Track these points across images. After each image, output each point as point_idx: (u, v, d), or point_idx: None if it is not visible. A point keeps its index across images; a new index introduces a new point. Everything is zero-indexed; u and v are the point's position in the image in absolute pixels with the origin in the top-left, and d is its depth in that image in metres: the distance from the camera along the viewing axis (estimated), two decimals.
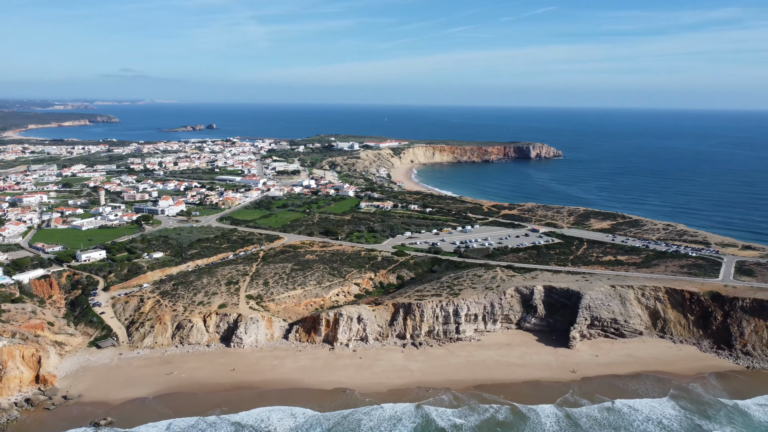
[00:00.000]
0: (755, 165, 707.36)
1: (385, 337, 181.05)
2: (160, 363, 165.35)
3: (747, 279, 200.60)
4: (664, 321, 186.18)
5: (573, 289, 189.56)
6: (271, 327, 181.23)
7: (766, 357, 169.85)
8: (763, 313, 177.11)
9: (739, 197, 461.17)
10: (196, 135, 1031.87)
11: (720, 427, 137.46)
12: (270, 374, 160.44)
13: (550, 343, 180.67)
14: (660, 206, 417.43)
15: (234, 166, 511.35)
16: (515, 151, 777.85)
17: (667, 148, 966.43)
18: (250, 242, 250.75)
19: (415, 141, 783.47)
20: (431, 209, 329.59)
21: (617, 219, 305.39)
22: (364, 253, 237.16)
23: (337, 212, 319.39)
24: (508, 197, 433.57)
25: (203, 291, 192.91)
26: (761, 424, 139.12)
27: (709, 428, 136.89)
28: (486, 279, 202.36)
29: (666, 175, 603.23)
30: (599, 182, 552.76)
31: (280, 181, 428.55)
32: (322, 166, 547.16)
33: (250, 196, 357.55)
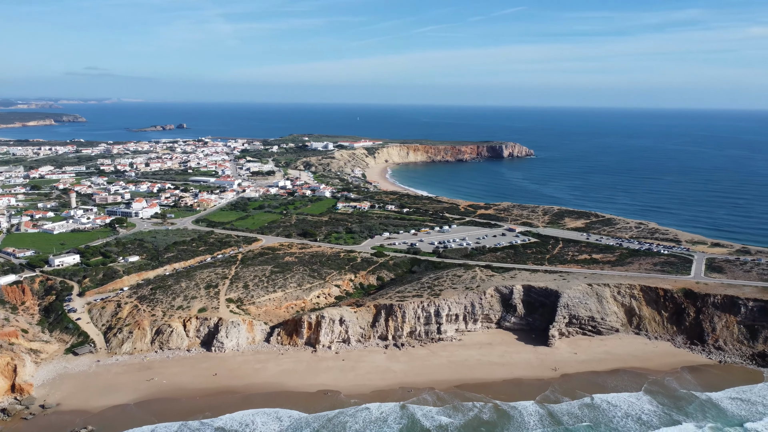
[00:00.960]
0: (719, 163, 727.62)
1: (367, 338, 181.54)
2: (139, 369, 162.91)
3: (717, 276, 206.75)
4: (640, 318, 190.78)
5: (551, 288, 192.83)
6: (252, 330, 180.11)
7: (737, 351, 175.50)
8: (733, 309, 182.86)
9: (704, 195, 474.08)
10: (166, 135, 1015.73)
11: (695, 420, 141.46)
12: (253, 378, 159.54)
13: (529, 341, 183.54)
14: (630, 204, 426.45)
15: (207, 167, 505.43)
16: (488, 151, 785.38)
17: (634, 146, 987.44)
18: (227, 245, 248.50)
19: (389, 141, 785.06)
20: (408, 209, 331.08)
21: (591, 218, 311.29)
22: (343, 255, 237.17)
23: (315, 213, 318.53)
24: (483, 197, 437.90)
25: (182, 295, 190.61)
26: (733, 415, 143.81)
27: (683, 421, 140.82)
28: (466, 279, 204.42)
29: (634, 174, 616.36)
30: (571, 181, 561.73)
31: (255, 182, 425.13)
32: (297, 167, 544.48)
33: (225, 198, 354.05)
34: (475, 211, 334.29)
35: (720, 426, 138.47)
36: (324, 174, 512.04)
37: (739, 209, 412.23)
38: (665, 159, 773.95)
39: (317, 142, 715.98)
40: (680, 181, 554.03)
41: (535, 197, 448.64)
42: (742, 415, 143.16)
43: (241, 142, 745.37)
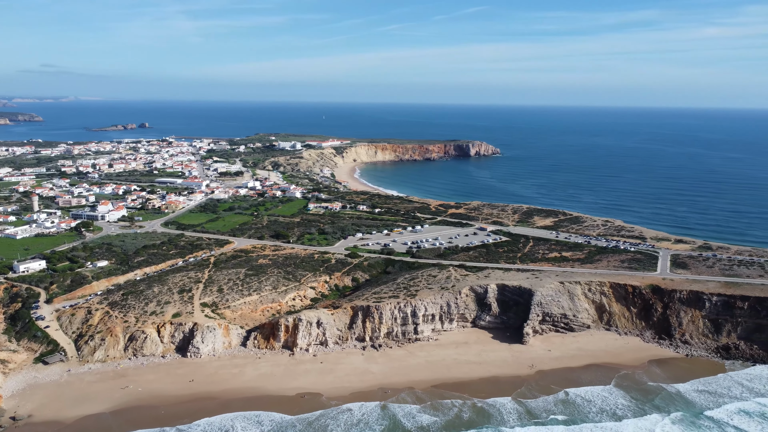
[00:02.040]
0: (678, 161, 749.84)
1: (344, 340, 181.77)
2: (113, 377, 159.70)
3: (682, 272, 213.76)
4: (610, 314, 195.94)
5: (525, 287, 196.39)
6: (228, 335, 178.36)
7: (703, 345, 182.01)
8: (698, 304, 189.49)
9: (665, 192, 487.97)
10: (128, 134, 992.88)
11: (661, 411, 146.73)
12: (231, 383, 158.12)
13: (504, 339, 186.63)
14: (595, 202, 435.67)
15: (173, 168, 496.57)
16: (455, 149, 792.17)
17: (597, 144, 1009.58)
18: (199, 248, 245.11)
19: (356, 140, 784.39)
20: (380, 210, 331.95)
21: (559, 216, 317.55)
22: (317, 256, 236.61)
23: (286, 214, 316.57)
24: (453, 196, 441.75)
25: (155, 300, 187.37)
26: (696, 405, 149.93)
27: (651, 411, 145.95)
28: (441, 279, 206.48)
29: (597, 171, 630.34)
30: (536, 179, 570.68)
31: (224, 183, 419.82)
32: (265, 167, 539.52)
33: (194, 199, 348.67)
34: (446, 210, 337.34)
35: (683, 415, 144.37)
36: (293, 174, 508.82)
37: (698, 206, 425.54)
38: (626, 157, 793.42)
39: (285, 141, 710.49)
40: (642, 179, 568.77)
41: (503, 196, 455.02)
42: (703, 404, 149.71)
43: (206, 141, 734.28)
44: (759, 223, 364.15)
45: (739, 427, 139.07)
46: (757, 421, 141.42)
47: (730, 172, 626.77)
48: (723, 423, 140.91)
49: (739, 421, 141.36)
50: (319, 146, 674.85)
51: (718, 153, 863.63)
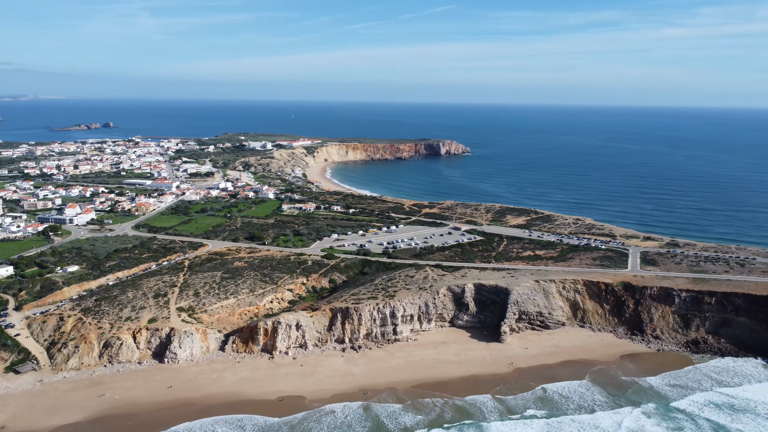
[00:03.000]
0: (642, 159, 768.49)
1: (324, 342, 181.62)
2: (89, 385, 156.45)
3: (651, 268, 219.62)
4: (584, 311, 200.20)
5: (501, 286, 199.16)
6: (206, 339, 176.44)
7: (673, 340, 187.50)
8: (668, 300, 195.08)
9: (631, 190, 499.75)
10: (92, 134, 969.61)
11: (631, 403, 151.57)
12: (210, 388, 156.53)
13: (482, 338, 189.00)
14: (564, 201, 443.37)
15: (142, 169, 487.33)
16: (426, 148, 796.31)
17: (564, 143, 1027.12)
18: (172, 251, 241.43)
19: (327, 139, 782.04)
20: (354, 210, 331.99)
21: (531, 215, 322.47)
22: (293, 258, 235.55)
23: (260, 216, 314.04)
24: (425, 195, 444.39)
25: (130, 305, 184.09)
26: (663, 396, 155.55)
27: (623, 405, 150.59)
28: (418, 279, 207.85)
29: (566, 170, 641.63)
30: (506, 178, 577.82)
31: (195, 184, 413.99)
32: (236, 167, 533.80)
33: (164, 201, 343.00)
34: (420, 210, 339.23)
35: (653, 406, 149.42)
36: (264, 174, 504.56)
37: (664, 203, 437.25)
38: (593, 155, 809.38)
39: (255, 141, 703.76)
40: (609, 177, 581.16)
41: (475, 195, 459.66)
42: (672, 396, 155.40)
43: (174, 141, 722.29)
44: (721, 219, 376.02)
45: (707, 417, 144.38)
46: (723, 410, 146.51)
47: (692, 170, 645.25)
48: (691, 413, 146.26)
49: (705, 412, 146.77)
50: (290, 146, 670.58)
51: (680, 151, 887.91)
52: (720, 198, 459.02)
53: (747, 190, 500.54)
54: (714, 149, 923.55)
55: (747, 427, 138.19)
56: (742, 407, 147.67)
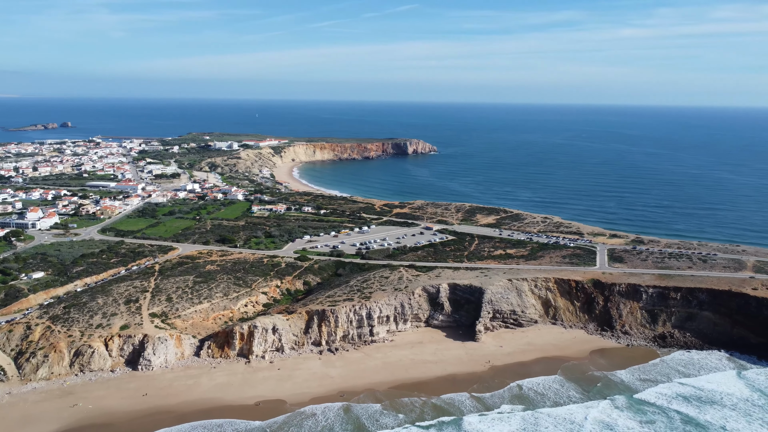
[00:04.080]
0: (604, 157, 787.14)
1: (301, 345, 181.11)
2: (60, 395, 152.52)
3: (619, 265, 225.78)
4: (555, 309, 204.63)
5: (475, 285, 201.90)
6: (180, 345, 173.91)
7: (641, 335, 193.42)
8: (636, 296, 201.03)
9: (594, 188, 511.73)
10: (50, 135, 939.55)
11: (600, 396, 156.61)
12: (187, 395, 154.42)
13: (458, 338, 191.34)
14: (530, 199, 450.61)
15: (105, 170, 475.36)
16: (393, 148, 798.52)
17: (527, 141, 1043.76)
18: (141, 255, 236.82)
19: (294, 139, 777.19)
20: (325, 211, 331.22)
21: (500, 213, 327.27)
22: (267, 260, 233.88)
23: (230, 218, 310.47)
24: (394, 195, 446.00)
25: (100, 312, 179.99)
26: (628, 389, 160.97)
27: (592, 398, 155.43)
28: (393, 280, 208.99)
29: (531, 168, 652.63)
30: (474, 177, 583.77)
31: (161, 186, 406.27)
32: (202, 168, 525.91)
33: (130, 204, 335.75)
34: (391, 210, 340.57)
35: (620, 399, 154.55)
36: (232, 175, 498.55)
37: (626, 201, 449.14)
38: (556, 153, 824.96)
39: (220, 141, 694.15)
40: (572, 175, 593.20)
41: (443, 194, 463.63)
42: (638, 389, 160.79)
43: (137, 142, 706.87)
44: (681, 216, 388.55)
45: (675, 408, 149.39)
46: (692, 403, 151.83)
47: (651, 168, 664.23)
48: (659, 405, 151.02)
49: (674, 404, 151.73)
50: (256, 146, 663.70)
51: (638, 149, 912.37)
52: (678, 195, 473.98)
53: (704, 187, 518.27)
54: (670, 147, 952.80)
55: (714, 418, 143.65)
56: (709, 399, 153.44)
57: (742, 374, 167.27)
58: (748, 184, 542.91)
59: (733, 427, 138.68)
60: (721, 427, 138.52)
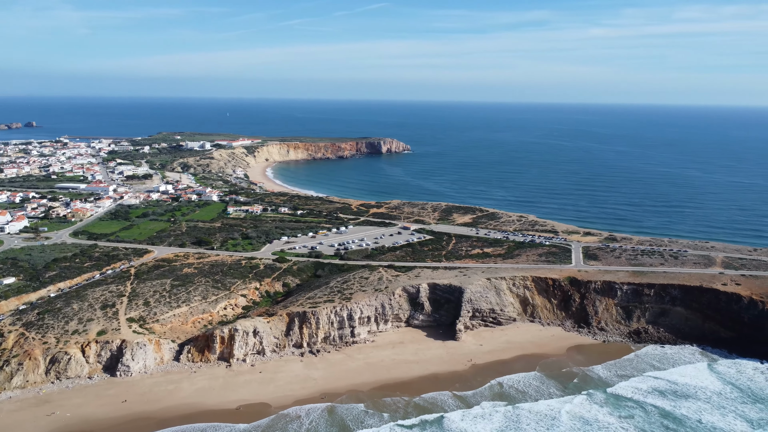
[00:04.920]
0: (575, 155, 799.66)
1: (282, 348, 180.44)
2: (36, 404, 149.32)
3: (594, 263, 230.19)
4: (533, 307, 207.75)
5: (455, 285, 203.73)
6: (160, 350, 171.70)
7: (617, 331, 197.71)
8: (611, 293, 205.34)
9: (566, 186, 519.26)
10: (14, 135, 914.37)
11: (575, 391, 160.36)
12: (167, 401, 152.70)
13: (438, 337, 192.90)
14: (504, 198, 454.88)
15: (74, 172, 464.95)
16: (367, 147, 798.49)
17: (500, 140, 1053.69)
18: (116, 258, 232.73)
19: (268, 138, 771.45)
20: (302, 211, 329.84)
21: (476, 213, 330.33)
22: (244, 262, 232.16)
23: (205, 219, 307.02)
24: (370, 194, 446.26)
25: (76, 318, 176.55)
26: (602, 383, 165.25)
27: (569, 393, 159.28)
28: (373, 281, 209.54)
29: (504, 167, 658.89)
30: (448, 176, 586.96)
31: (133, 187, 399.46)
32: (174, 168, 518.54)
33: (102, 206, 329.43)
34: (368, 210, 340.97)
35: (597, 393, 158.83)
36: (205, 176, 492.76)
37: (597, 199, 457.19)
38: (529, 152, 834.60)
39: (192, 141, 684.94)
40: (545, 174, 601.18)
41: (418, 193, 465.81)
42: (614, 383, 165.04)
43: (106, 142, 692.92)
44: (651, 213, 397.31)
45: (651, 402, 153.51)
46: (667, 397, 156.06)
47: (621, 166, 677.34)
48: (635, 399, 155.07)
49: (649, 398, 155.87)
50: (229, 146, 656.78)
51: (609, 147, 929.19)
52: (648, 193, 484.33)
53: (672, 185, 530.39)
54: (639, 145, 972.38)
55: (690, 412, 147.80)
56: (684, 393, 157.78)
57: (714, 368, 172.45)
58: (714, 181, 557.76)
59: (708, 420, 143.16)
60: (697, 420, 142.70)
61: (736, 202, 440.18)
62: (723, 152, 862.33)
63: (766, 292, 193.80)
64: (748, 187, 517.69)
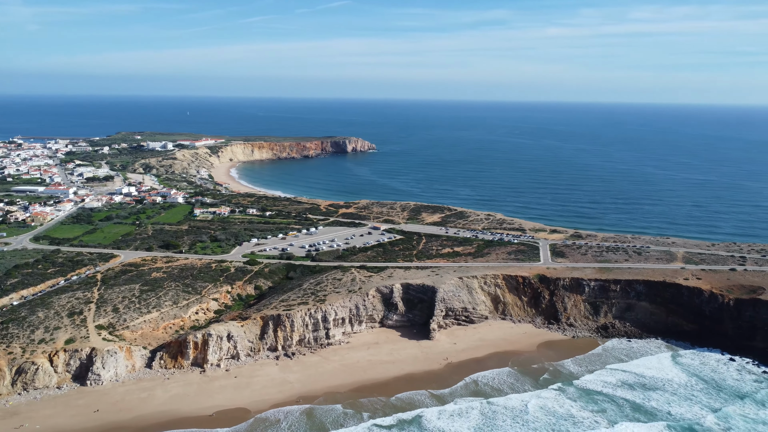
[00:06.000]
0: (536, 153, 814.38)
1: (257, 351, 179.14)
2: (3, 416, 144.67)
3: (562, 260, 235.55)
4: (504, 305, 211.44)
5: (428, 285, 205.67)
6: (131, 357, 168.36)
7: (585, 326, 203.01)
8: (579, 290, 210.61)
9: (530, 184, 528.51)
10: None
11: (544, 385, 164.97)
12: (141, 409, 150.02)
13: (412, 336, 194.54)
14: (470, 196, 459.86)
15: (31, 174, 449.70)
16: (332, 146, 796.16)
17: (464, 138, 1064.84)
18: (81, 264, 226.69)
19: (231, 138, 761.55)
20: (271, 212, 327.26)
21: (445, 211, 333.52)
22: (215, 266, 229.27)
23: (172, 222, 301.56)
24: (337, 194, 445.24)
25: (42, 327, 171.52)
26: (570, 376, 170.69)
27: (538, 387, 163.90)
28: (346, 282, 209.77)
29: (469, 165, 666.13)
30: (414, 175, 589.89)
31: (94, 190, 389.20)
32: (136, 170, 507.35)
33: (63, 210, 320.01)
34: (337, 210, 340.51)
35: (562, 386, 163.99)
36: (168, 177, 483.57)
37: (560, 196, 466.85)
38: (492, 150, 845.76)
39: (153, 141, 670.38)
40: (508, 172, 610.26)
41: (385, 192, 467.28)
42: (578, 376, 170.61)
43: (63, 143, 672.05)
44: (611, 210, 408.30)
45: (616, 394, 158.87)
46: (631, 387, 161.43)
47: (582, 163, 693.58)
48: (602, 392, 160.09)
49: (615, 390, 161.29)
50: (192, 146, 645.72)
51: (569, 145, 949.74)
52: (608, 190, 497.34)
53: (631, 182, 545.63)
54: (597, 143, 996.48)
55: (660, 404, 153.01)
56: (652, 385, 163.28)
57: (679, 360, 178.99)
58: (670, 178, 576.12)
59: (678, 412, 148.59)
60: (666, 412, 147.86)
61: (691, 199, 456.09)
62: (677, 149, 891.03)
63: (725, 286, 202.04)
64: (702, 184, 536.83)
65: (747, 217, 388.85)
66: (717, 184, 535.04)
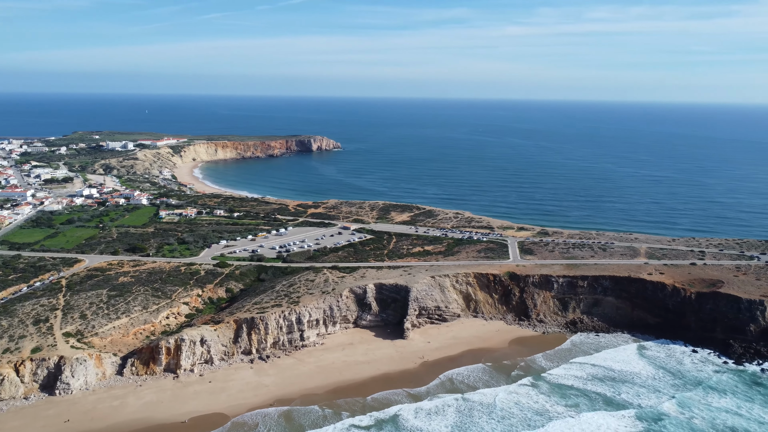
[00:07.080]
0: (501, 151, 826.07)
1: (230, 355, 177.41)
2: None
3: (530, 257, 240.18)
4: (476, 302, 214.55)
5: (401, 284, 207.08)
6: (101, 365, 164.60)
7: (555, 322, 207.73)
8: (548, 286, 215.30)
9: (495, 182, 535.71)
10: None
11: (515, 380, 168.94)
12: (114, 417, 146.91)
13: (387, 336, 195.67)
14: (437, 195, 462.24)
15: None
16: (297, 145, 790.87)
17: (428, 136, 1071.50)
18: (44, 269, 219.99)
19: (194, 137, 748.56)
20: (239, 213, 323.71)
21: (414, 210, 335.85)
22: (184, 269, 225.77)
23: (137, 224, 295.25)
24: (305, 194, 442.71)
25: (6, 336, 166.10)
26: (540, 370, 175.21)
27: (516, 380, 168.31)
28: (319, 283, 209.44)
29: (433, 163, 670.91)
30: (380, 173, 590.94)
31: (53, 192, 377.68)
32: (96, 170, 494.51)
33: (21, 213, 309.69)
34: (306, 210, 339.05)
35: (532, 380, 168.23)
36: (130, 178, 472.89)
37: (525, 194, 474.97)
38: (456, 148, 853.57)
39: (113, 141, 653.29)
40: (474, 170, 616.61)
41: (353, 191, 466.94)
42: (546, 369, 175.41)
43: (17, 143, 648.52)
44: (574, 207, 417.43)
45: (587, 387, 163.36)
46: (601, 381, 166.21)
47: (544, 161, 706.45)
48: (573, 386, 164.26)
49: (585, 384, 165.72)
50: (153, 145, 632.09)
51: (531, 142, 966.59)
52: (570, 187, 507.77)
53: (592, 179, 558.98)
54: (558, 140, 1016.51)
55: (629, 397, 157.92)
56: (621, 378, 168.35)
57: (645, 353, 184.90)
58: (630, 175, 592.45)
59: (647, 404, 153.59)
60: (638, 405, 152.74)
61: (650, 195, 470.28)
62: (635, 147, 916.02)
63: (686, 280, 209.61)
64: (660, 180, 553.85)
65: (703, 213, 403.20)
66: (674, 181, 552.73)
